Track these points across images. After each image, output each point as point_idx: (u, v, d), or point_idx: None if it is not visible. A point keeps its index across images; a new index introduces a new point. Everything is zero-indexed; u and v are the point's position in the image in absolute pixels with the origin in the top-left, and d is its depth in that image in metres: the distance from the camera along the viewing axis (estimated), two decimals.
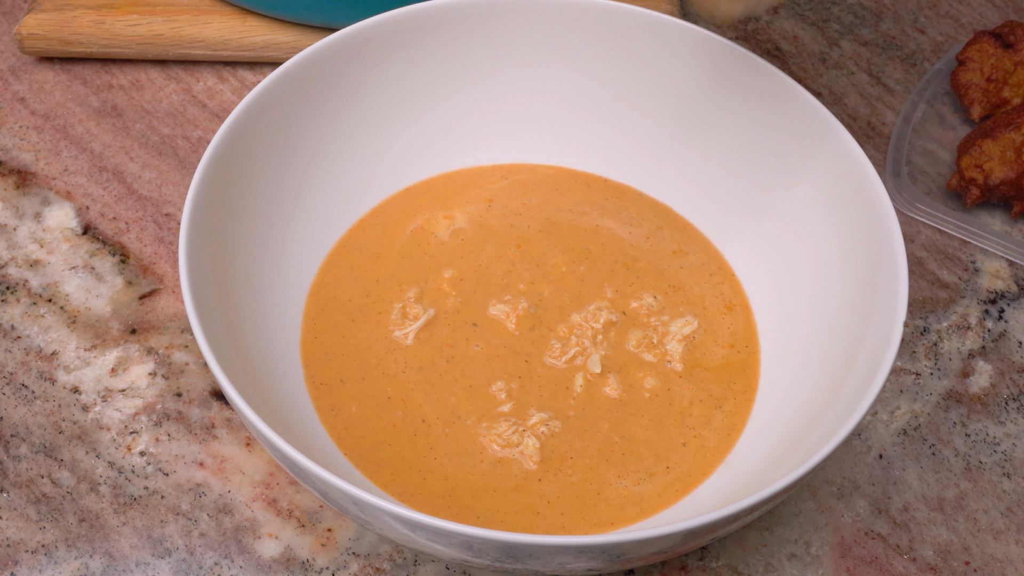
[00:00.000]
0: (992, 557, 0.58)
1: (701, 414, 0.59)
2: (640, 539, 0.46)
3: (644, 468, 0.57)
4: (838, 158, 0.60)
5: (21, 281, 0.65)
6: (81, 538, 0.57)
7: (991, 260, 0.69)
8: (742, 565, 0.57)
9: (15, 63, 0.76)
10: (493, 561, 0.48)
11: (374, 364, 0.60)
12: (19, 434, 0.60)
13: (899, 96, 0.78)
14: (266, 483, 0.58)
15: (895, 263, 0.55)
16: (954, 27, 0.82)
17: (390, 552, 0.57)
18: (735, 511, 0.47)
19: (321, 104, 0.63)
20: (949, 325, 0.66)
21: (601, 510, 0.55)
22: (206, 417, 0.61)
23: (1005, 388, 0.64)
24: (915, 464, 0.61)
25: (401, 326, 0.61)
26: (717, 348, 0.61)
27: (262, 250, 0.61)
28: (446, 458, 0.57)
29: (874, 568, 0.57)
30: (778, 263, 0.63)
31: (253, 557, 0.56)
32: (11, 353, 0.63)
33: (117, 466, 0.59)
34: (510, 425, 0.57)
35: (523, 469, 0.56)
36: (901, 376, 0.64)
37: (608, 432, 0.58)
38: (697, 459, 0.57)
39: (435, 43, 0.65)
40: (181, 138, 0.72)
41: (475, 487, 0.56)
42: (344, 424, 0.57)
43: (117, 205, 0.69)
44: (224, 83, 0.76)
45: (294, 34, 0.75)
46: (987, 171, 0.69)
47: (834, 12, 0.83)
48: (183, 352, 0.63)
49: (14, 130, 0.72)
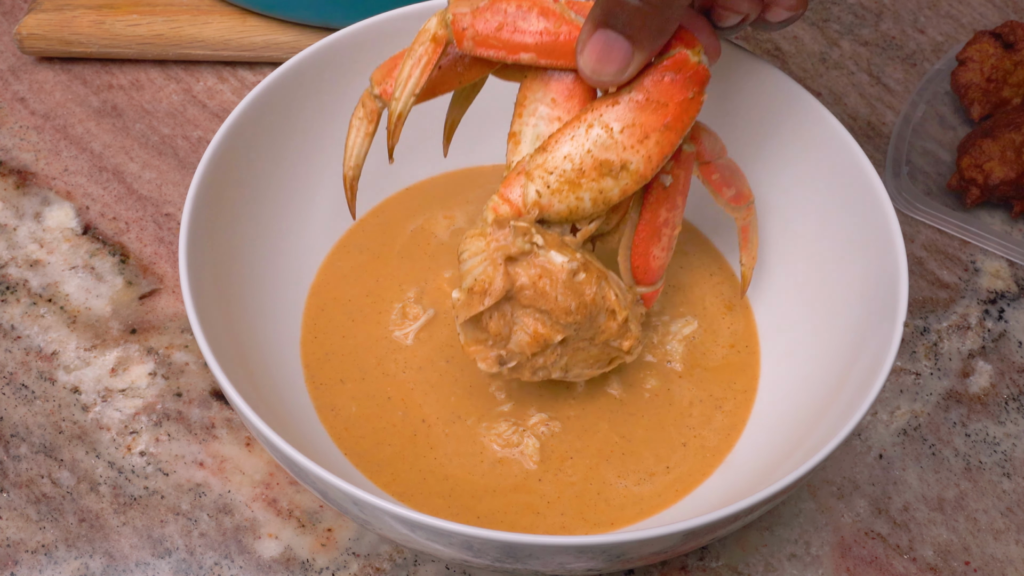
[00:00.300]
0: (992, 557, 0.58)
1: (701, 414, 0.59)
2: (640, 539, 0.46)
3: (644, 468, 0.57)
4: (838, 158, 0.60)
5: (21, 281, 0.65)
6: (81, 538, 0.57)
7: (991, 260, 0.69)
8: (742, 565, 0.57)
9: (15, 63, 0.76)
10: (493, 561, 0.48)
11: (374, 364, 0.60)
12: (19, 434, 0.60)
13: (899, 96, 0.78)
14: (266, 483, 0.58)
15: (895, 263, 0.55)
16: (954, 27, 0.82)
17: (390, 552, 0.57)
18: (735, 511, 0.47)
19: (321, 104, 0.63)
20: (949, 325, 0.66)
21: (601, 510, 0.55)
22: (206, 417, 0.61)
23: (1005, 388, 0.64)
24: (915, 464, 0.61)
25: (401, 326, 0.61)
26: (717, 348, 0.61)
27: (262, 250, 0.61)
28: (446, 458, 0.57)
29: (874, 568, 0.57)
30: (778, 263, 0.63)
31: (253, 557, 0.56)
32: (11, 353, 0.63)
33: (117, 466, 0.59)
34: (510, 425, 0.57)
35: (523, 469, 0.56)
36: (901, 376, 0.64)
37: (608, 432, 0.58)
38: (697, 459, 0.57)
39: None
40: (181, 138, 0.72)
41: (475, 487, 0.56)
42: (344, 424, 0.57)
43: (117, 205, 0.69)
44: (224, 83, 0.76)
45: (294, 34, 0.75)
46: (987, 171, 0.69)
47: (834, 12, 0.83)
48: (183, 352, 0.63)
49: (14, 130, 0.72)
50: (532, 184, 0.51)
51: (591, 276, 0.52)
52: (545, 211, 0.52)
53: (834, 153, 0.60)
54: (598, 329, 0.53)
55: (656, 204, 0.55)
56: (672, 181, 0.54)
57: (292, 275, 0.62)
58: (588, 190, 0.51)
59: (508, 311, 0.52)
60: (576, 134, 0.51)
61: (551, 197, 0.51)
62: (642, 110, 0.51)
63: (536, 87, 0.53)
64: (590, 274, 0.52)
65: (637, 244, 0.55)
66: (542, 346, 0.52)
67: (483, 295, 0.51)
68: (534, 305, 0.51)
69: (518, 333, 0.52)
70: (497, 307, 0.52)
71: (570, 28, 0.51)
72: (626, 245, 0.56)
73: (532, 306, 0.51)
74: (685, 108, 0.51)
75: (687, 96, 0.50)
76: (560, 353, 0.53)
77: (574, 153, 0.51)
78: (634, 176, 0.51)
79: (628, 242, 0.55)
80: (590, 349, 0.54)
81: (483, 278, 0.51)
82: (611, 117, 0.51)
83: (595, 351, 0.54)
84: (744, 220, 0.59)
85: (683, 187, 0.55)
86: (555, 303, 0.51)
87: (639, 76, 0.51)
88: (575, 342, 0.53)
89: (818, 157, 0.61)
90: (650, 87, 0.51)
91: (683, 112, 0.51)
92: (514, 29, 0.51)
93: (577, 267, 0.51)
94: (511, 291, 0.51)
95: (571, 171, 0.51)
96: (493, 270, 0.51)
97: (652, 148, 0.51)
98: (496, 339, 0.52)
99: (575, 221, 0.53)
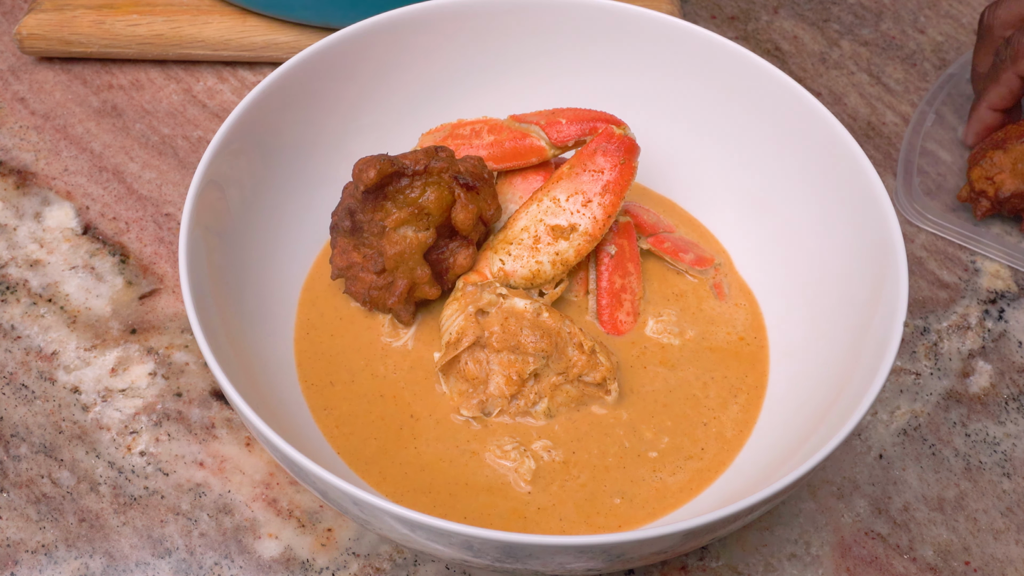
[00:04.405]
0: (992, 557, 0.58)
1: (703, 415, 0.59)
2: (640, 539, 0.46)
3: (645, 468, 0.57)
4: (838, 158, 0.60)
5: (21, 281, 0.65)
6: (81, 538, 0.57)
7: (991, 260, 0.69)
8: (742, 565, 0.57)
9: (15, 63, 0.76)
10: (493, 561, 0.48)
11: (362, 366, 0.59)
12: (19, 434, 0.60)
13: (899, 96, 0.78)
14: (266, 483, 0.58)
15: (895, 263, 0.55)
16: (954, 27, 0.82)
17: (390, 552, 0.57)
18: (735, 511, 0.47)
19: (320, 104, 0.63)
20: (949, 325, 0.66)
21: (601, 511, 0.55)
22: (206, 417, 0.61)
23: (1005, 388, 0.64)
24: (915, 464, 0.61)
25: (394, 326, 0.61)
26: (720, 348, 0.61)
27: (262, 250, 0.61)
28: (448, 459, 0.57)
29: (874, 568, 0.57)
30: (778, 263, 0.63)
31: (253, 557, 0.56)
32: (11, 353, 0.63)
33: (117, 466, 0.59)
34: (510, 423, 0.57)
35: (524, 468, 0.56)
36: (901, 376, 0.64)
37: (611, 434, 0.58)
38: (697, 459, 0.57)
39: (435, 43, 0.65)
40: (181, 138, 0.72)
41: (476, 487, 0.56)
42: (336, 422, 0.57)
43: (117, 205, 0.69)
44: (224, 83, 0.76)
45: (294, 34, 0.75)
46: (998, 183, 0.68)
47: (834, 12, 0.83)
48: (183, 352, 0.63)
49: (14, 130, 0.72)
50: (496, 256, 0.60)
51: (555, 315, 0.58)
52: (510, 276, 0.59)
53: (834, 153, 0.60)
54: (569, 362, 0.57)
55: (610, 273, 0.61)
56: (617, 251, 0.61)
57: (291, 274, 0.62)
58: (546, 253, 0.59)
59: (483, 357, 0.57)
60: (529, 210, 0.60)
61: (514, 263, 0.59)
62: (582, 180, 0.60)
63: (504, 189, 0.63)
64: (554, 314, 0.58)
65: (601, 312, 0.61)
66: (518, 385, 0.57)
67: (458, 344, 0.57)
68: (505, 347, 0.57)
69: (494, 376, 0.57)
70: (472, 353, 0.57)
71: (513, 135, 0.61)
72: (593, 313, 0.62)
73: (504, 349, 0.57)
74: (621, 172, 0.59)
75: (619, 162, 0.59)
76: (538, 392, 0.57)
77: (529, 224, 0.60)
78: (584, 236, 0.59)
79: (594, 310, 0.62)
80: (567, 388, 0.58)
81: (457, 330, 0.57)
82: (557, 190, 0.60)
83: (574, 392, 0.58)
84: (715, 279, 0.63)
85: (631, 255, 0.62)
86: (524, 337, 0.57)
87: (577, 154, 0.60)
88: (548, 376, 0.57)
89: (818, 157, 0.61)
90: (587, 160, 0.60)
91: (620, 176, 0.60)
92: (469, 146, 0.62)
93: (540, 308, 0.58)
94: (482, 337, 0.57)
95: (528, 239, 0.59)
96: (465, 321, 0.57)
97: (596, 210, 0.59)
98: (475, 384, 0.57)
99: (539, 285, 0.60)
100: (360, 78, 0.64)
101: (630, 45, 0.66)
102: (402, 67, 0.65)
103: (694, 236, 0.65)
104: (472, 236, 0.60)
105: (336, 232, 0.60)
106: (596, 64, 0.67)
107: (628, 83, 0.67)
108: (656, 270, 0.64)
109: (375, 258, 0.59)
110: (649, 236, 0.63)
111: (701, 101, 0.66)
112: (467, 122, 0.63)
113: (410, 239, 0.58)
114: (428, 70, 0.66)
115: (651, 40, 0.65)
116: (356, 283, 0.60)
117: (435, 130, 0.64)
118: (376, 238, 0.59)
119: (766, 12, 0.83)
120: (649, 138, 0.66)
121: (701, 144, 0.66)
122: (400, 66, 0.65)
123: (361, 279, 0.60)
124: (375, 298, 0.60)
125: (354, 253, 0.59)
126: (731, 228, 0.65)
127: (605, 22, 0.65)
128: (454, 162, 0.58)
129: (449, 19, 0.65)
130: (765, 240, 0.64)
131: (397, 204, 0.58)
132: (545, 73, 0.67)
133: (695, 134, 0.66)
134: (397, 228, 0.58)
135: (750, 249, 0.64)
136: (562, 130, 0.61)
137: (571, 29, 0.66)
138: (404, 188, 0.58)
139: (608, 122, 0.61)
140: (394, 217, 0.58)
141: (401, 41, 0.65)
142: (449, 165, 0.58)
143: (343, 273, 0.60)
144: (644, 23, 0.65)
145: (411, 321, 0.60)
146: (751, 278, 0.64)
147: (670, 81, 0.66)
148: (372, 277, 0.59)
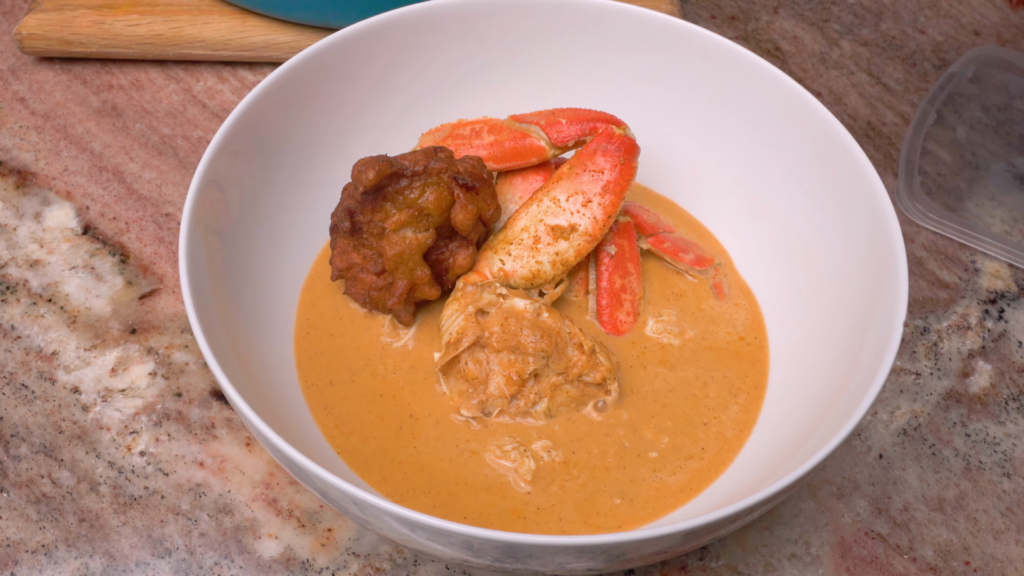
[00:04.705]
0: (992, 557, 0.58)
1: (703, 415, 0.59)
2: (640, 539, 0.46)
3: (646, 468, 0.57)
4: (838, 158, 0.60)
5: (21, 281, 0.65)
6: (81, 538, 0.57)
7: (991, 260, 0.69)
8: (742, 565, 0.57)
9: (15, 63, 0.76)
10: (493, 561, 0.48)
11: (362, 365, 0.59)
12: (19, 434, 0.60)
13: (899, 96, 0.78)
14: (266, 483, 0.58)
15: (895, 263, 0.55)
16: (954, 27, 0.82)
17: (390, 552, 0.57)
18: (735, 511, 0.47)
19: (320, 104, 0.63)
20: (949, 325, 0.66)
21: (601, 511, 0.55)
22: (206, 417, 0.61)
23: (1005, 388, 0.64)
24: (915, 464, 0.61)
25: (394, 327, 0.61)
26: (720, 348, 0.61)
27: (262, 250, 0.61)
28: (448, 458, 0.57)
29: (874, 568, 0.57)
30: (778, 263, 0.63)
31: (253, 557, 0.56)
32: (11, 353, 0.63)
33: (117, 466, 0.59)
34: (510, 423, 0.57)
35: (524, 468, 0.56)
36: (901, 376, 0.64)
37: (611, 434, 0.58)
38: (698, 465, 0.57)
39: (435, 43, 0.65)
40: (181, 138, 0.72)
41: (476, 487, 0.56)
42: (335, 422, 0.57)
43: (117, 205, 0.69)
44: (224, 83, 0.76)
45: (294, 34, 0.75)
46: None
47: (834, 12, 0.83)
48: (183, 352, 0.63)
49: (14, 130, 0.72)
50: (496, 256, 0.59)
51: (555, 315, 0.58)
52: (510, 277, 0.59)
53: (834, 153, 0.60)
54: (569, 362, 0.57)
55: (610, 273, 0.61)
56: (617, 251, 0.61)
57: (291, 274, 0.62)
58: (546, 253, 0.59)
59: (483, 357, 0.57)
60: (529, 210, 0.60)
61: (514, 263, 0.59)
62: (582, 180, 0.59)
63: (504, 189, 0.63)
64: (554, 314, 0.58)
65: (601, 312, 0.61)
66: (518, 385, 0.57)
67: (458, 344, 0.57)
68: (505, 347, 0.57)
69: (494, 377, 0.57)
70: (472, 353, 0.57)
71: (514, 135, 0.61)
72: (593, 312, 0.62)
73: (504, 349, 0.57)
74: (621, 172, 0.59)
75: (619, 162, 0.59)
76: (538, 392, 0.57)
77: (529, 224, 0.59)
78: (584, 236, 0.59)
79: (594, 310, 0.62)
80: (567, 388, 0.57)
81: (457, 330, 0.57)
82: (557, 190, 0.60)
83: (574, 392, 0.58)
84: (715, 279, 0.63)
85: (631, 255, 0.62)
86: (523, 337, 0.57)
87: (577, 154, 0.60)
88: (548, 376, 0.57)
89: (818, 157, 0.61)
90: (586, 160, 0.60)
91: (620, 177, 0.59)
92: (469, 147, 0.62)
93: (540, 308, 0.57)
94: (483, 337, 0.57)
95: (528, 239, 0.59)
96: (465, 321, 0.57)
97: (596, 210, 0.59)
98: (475, 384, 0.57)
99: (539, 285, 0.60)
100: (360, 78, 0.64)
101: (630, 45, 0.66)
102: (402, 67, 0.65)
103: (694, 236, 0.65)
104: (472, 236, 0.60)
105: (336, 233, 0.60)
106: (596, 64, 0.67)
107: (628, 83, 0.67)
108: (656, 270, 0.64)
109: (375, 259, 0.59)
110: (649, 236, 0.63)
111: (701, 101, 0.66)
112: (467, 122, 0.63)
113: (410, 240, 0.58)
114: (428, 70, 0.66)
115: (651, 40, 0.65)
116: (356, 284, 0.60)
117: (435, 130, 0.64)
118: (376, 239, 0.59)
119: (766, 12, 0.83)
120: (649, 138, 0.66)
121: (701, 144, 0.66)
122: (400, 66, 0.65)
123: (361, 280, 0.60)
124: (375, 299, 0.60)
125: (354, 254, 0.59)
126: (731, 228, 0.65)
127: (605, 22, 0.65)
128: (453, 162, 0.58)
129: (449, 19, 0.65)
130: (765, 240, 0.64)
131: (396, 205, 0.58)
132: (545, 73, 0.67)
133: (695, 134, 0.66)
134: (397, 229, 0.58)
135: (750, 249, 0.64)
136: (562, 130, 0.61)
137: (571, 29, 0.66)
138: (403, 189, 0.58)
139: (608, 122, 0.61)
140: (394, 218, 0.58)
141: (401, 41, 0.65)
142: (448, 165, 0.58)
143: (343, 274, 0.60)
144: (644, 23, 0.65)
145: (411, 321, 0.60)
146: (751, 278, 0.64)
147: (670, 81, 0.66)
148: (372, 278, 0.59)
